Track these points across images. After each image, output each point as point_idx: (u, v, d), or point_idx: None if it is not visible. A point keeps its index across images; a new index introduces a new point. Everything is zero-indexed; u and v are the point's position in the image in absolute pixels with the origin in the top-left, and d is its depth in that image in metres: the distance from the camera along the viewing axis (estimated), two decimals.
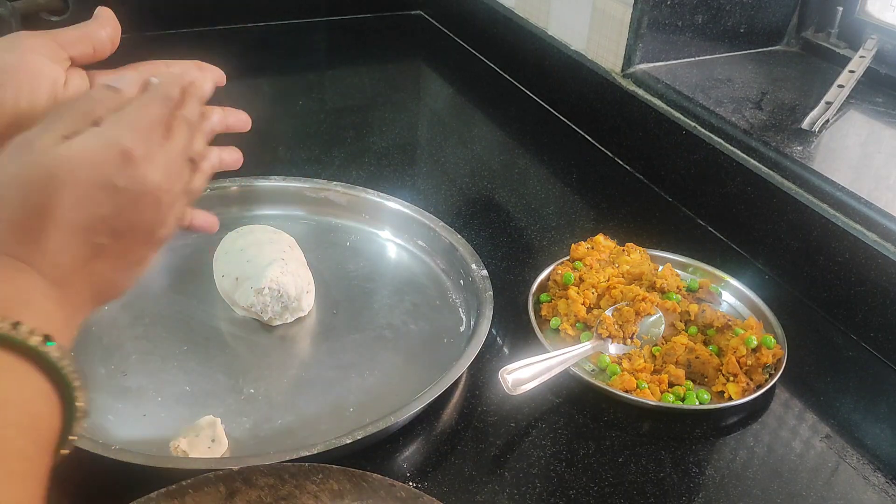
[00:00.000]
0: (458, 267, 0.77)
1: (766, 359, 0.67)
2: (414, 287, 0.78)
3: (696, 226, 0.91)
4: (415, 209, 0.83)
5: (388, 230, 0.84)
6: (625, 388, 0.65)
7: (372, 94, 1.20)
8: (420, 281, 0.79)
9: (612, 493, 0.58)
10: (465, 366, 0.64)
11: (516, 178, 1.00)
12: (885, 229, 0.72)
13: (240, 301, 0.71)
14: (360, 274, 0.79)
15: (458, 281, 0.77)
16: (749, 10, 1.01)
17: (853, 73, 0.93)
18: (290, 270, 0.71)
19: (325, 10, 1.42)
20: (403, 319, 0.74)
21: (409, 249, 0.82)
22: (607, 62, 1.03)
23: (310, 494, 0.52)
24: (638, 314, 0.71)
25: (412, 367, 0.68)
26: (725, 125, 0.87)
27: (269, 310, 0.70)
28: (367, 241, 0.83)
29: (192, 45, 1.28)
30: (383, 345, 0.71)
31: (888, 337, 0.72)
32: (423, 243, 0.82)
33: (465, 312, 0.74)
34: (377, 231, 0.84)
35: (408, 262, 0.81)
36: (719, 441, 0.64)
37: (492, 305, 0.70)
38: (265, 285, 0.69)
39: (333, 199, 0.85)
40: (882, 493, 0.60)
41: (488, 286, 0.72)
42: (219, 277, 0.73)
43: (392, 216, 0.84)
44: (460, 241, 0.78)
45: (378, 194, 0.85)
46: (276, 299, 0.70)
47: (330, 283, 0.77)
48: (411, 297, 0.76)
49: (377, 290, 0.77)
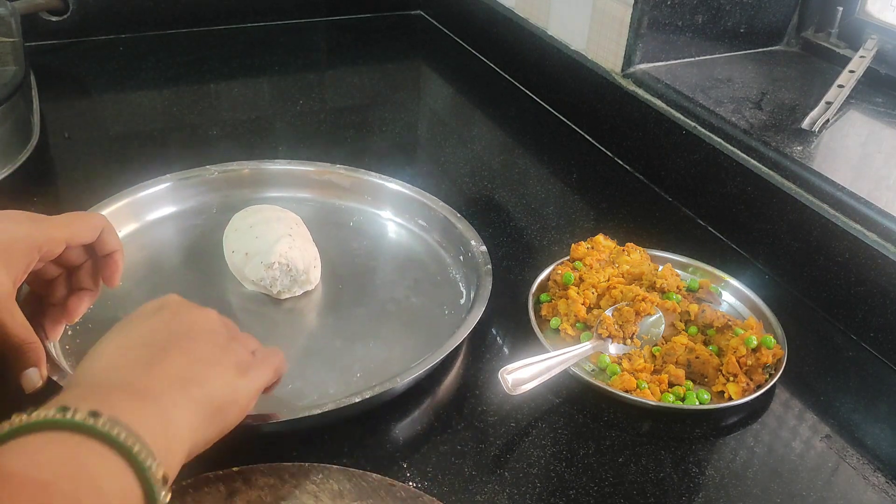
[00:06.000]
0: (457, 244, 0.80)
1: (766, 359, 0.67)
2: (415, 263, 0.81)
3: (696, 226, 0.91)
4: (415, 190, 0.86)
5: (390, 210, 0.87)
6: (625, 388, 0.65)
7: (372, 94, 1.20)
8: (421, 258, 0.82)
9: (612, 493, 0.58)
10: (464, 334, 0.66)
11: (516, 178, 1.00)
12: (885, 229, 0.72)
13: (249, 275, 0.74)
14: (363, 252, 0.82)
15: (457, 257, 0.80)
16: (749, 10, 1.01)
17: (853, 73, 0.93)
18: (297, 246, 0.74)
19: (325, 10, 1.42)
20: (405, 293, 0.77)
21: (410, 228, 0.85)
22: (607, 62, 1.03)
23: (310, 494, 0.52)
24: (638, 314, 0.71)
25: (415, 337, 0.71)
26: (725, 125, 0.87)
27: (277, 283, 0.73)
28: (370, 221, 0.87)
29: (192, 45, 1.28)
30: (387, 317, 0.74)
31: (888, 337, 0.72)
32: (424, 222, 0.85)
33: (464, 286, 0.77)
34: (379, 211, 0.87)
35: (409, 241, 0.85)
36: (719, 441, 0.64)
37: (491, 278, 0.73)
38: (275, 260, 0.72)
39: (337, 182, 0.89)
40: (882, 493, 0.60)
41: (487, 260, 0.75)
42: (229, 253, 0.76)
43: (393, 197, 0.87)
44: (459, 220, 0.82)
45: (380, 176, 0.88)
46: (284, 273, 0.73)
47: (335, 261, 0.79)
48: (413, 273, 0.79)
49: (380, 266, 0.81)
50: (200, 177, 0.86)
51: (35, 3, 1.17)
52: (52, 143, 0.99)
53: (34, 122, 0.99)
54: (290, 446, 0.59)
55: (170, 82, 1.17)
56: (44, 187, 0.91)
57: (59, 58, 1.21)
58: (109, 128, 1.05)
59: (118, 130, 1.04)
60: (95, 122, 1.07)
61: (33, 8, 1.17)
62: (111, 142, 1.01)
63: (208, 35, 1.32)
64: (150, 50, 1.25)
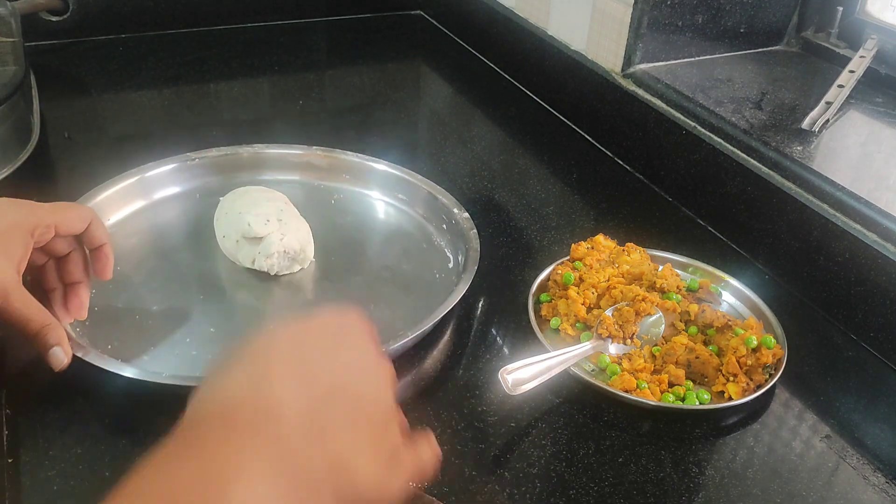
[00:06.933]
0: (439, 213, 0.84)
1: (766, 359, 0.67)
2: (401, 234, 0.85)
3: (696, 226, 0.91)
4: (393, 166, 0.89)
5: (369, 187, 0.90)
6: (625, 388, 0.65)
7: (372, 94, 1.20)
8: (405, 229, 0.86)
9: (612, 493, 0.58)
10: (463, 290, 0.70)
11: (516, 178, 1.00)
12: (885, 229, 0.72)
13: (244, 261, 0.76)
14: (349, 226, 0.86)
15: (440, 226, 0.84)
16: (749, 10, 1.01)
17: (853, 73, 0.93)
18: (291, 228, 0.76)
19: (325, 10, 1.42)
20: (396, 261, 0.81)
21: (391, 203, 0.89)
22: (607, 62, 1.03)
23: None
24: (638, 314, 0.71)
25: (414, 298, 0.75)
26: (725, 125, 0.87)
27: (276, 266, 0.76)
28: (351, 198, 0.90)
29: (192, 45, 1.28)
30: (383, 282, 0.77)
31: (888, 337, 0.72)
32: (404, 196, 0.88)
33: (451, 252, 0.81)
34: (359, 189, 0.90)
35: (392, 214, 0.88)
36: (719, 441, 0.64)
37: (478, 240, 0.77)
38: (274, 251, 0.74)
39: (315, 163, 0.92)
40: (882, 493, 0.60)
41: (471, 225, 0.80)
42: (220, 238, 0.78)
43: (372, 174, 0.90)
44: (440, 191, 0.85)
45: (356, 155, 0.91)
46: (282, 257, 0.76)
47: (323, 237, 0.81)
48: (400, 243, 0.83)
49: (367, 239, 0.85)
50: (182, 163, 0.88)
51: (35, 3, 1.16)
52: (52, 143, 0.99)
53: (34, 122, 0.99)
54: None
55: (170, 82, 1.17)
56: (44, 187, 0.91)
57: (59, 58, 1.21)
58: (109, 128, 1.05)
59: (118, 130, 1.04)
60: (95, 122, 1.07)
61: (33, 8, 1.16)
62: (111, 142, 1.01)
63: (208, 35, 1.32)
64: (150, 50, 1.25)
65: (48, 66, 1.17)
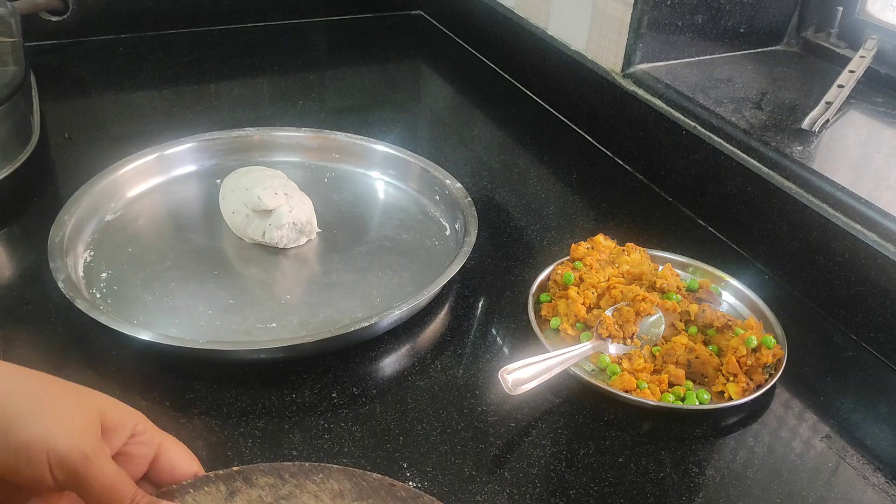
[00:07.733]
0: (432, 185, 0.88)
1: (766, 359, 0.67)
2: (396, 207, 0.89)
3: (696, 226, 0.91)
4: (383, 143, 0.93)
5: (360, 165, 0.94)
6: (625, 388, 0.65)
7: (372, 94, 1.20)
8: (400, 203, 0.90)
9: (612, 493, 0.58)
10: (467, 253, 0.74)
11: (516, 178, 1.00)
12: (885, 229, 0.72)
13: (253, 234, 0.79)
14: (345, 202, 0.89)
15: (433, 197, 0.88)
16: (749, 10, 1.01)
17: (853, 73, 0.93)
18: (296, 202, 0.79)
19: (325, 10, 1.42)
20: (396, 231, 0.84)
21: (383, 179, 0.93)
22: (607, 62, 1.03)
23: (310, 494, 0.52)
24: (638, 314, 0.71)
25: (417, 263, 0.80)
26: (725, 125, 0.87)
27: (284, 238, 0.79)
28: (343, 176, 0.93)
29: (192, 45, 1.28)
30: (387, 250, 0.81)
31: (888, 337, 0.72)
32: (395, 171, 0.92)
33: (446, 221, 0.85)
34: (350, 167, 0.94)
35: (385, 188, 0.92)
36: (719, 441, 0.64)
37: (474, 209, 0.81)
38: (285, 221, 0.78)
39: (305, 144, 0.95)
40: (882, 493, 0.60)
41: (465, 194, 0.84)
42: (229, 214, 0.81)
43: (362, 151, 0.94)
44: (430, 165, 0.89)
45: (345, 135, 0.94)
46: (292, 229, 0.79)
47: (322, 212, 0.84)
48: (396, 216, 0.87)
49: (365, 212, 0.88)
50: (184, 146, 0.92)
51: (35, 3, 1.17)
52: (52, 143, 0.99)
53: (34, 122, 0.99)
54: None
55: (170, 82, 1.17)
56: (44, 187, 0.91)
57: (59, 58, 1.21)
58: (109, 128, 1.05)
59: (118, 130, 1.04)
60: (95, 122, 1.07)
61: (33, 8, 1.17)
62: (111, 142, 1.01)
63: (208, 35, 1.32)
64: (150, 50, 1.25)
65: (48, 66, 1.17)
